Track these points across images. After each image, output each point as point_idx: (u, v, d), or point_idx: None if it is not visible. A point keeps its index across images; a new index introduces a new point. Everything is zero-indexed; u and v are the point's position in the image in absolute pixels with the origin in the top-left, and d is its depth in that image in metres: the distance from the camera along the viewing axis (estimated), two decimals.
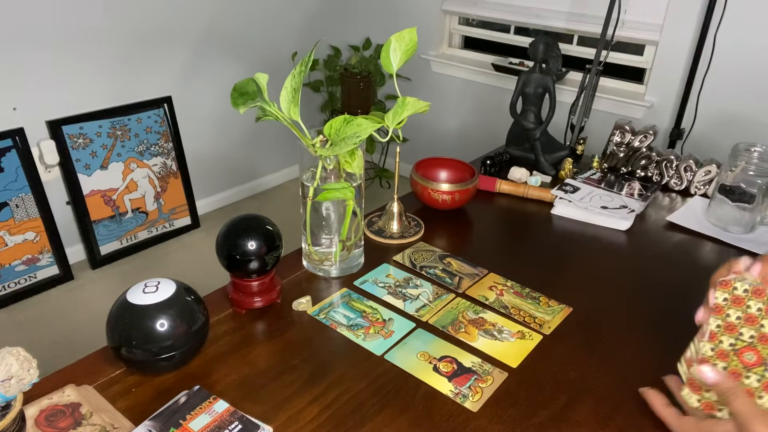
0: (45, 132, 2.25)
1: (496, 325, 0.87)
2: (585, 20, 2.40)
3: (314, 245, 0.96)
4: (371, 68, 2.93)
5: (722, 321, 0.62)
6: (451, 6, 2.81)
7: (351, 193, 0.86)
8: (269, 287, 0.88)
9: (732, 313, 0.62)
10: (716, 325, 0.62)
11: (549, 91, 1.36)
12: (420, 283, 0.97)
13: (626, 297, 0.96)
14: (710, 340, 0.62)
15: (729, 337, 0.62)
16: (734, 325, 0.61)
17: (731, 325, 0.62)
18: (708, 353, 0.62)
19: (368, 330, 0.85)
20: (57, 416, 0.67)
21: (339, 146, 0.81)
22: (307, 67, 0.81)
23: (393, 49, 0.86)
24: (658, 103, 2.31)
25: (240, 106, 0.84)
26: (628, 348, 0.84)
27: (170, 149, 2.63)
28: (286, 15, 2.97)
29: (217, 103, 2.79)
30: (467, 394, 0.74)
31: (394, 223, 1.11)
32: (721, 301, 0.62)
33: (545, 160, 1.40)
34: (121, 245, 2.54)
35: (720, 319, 0.62)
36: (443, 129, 3.06)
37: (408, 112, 0.85)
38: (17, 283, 2.26)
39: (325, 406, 0.72)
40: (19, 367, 0.57)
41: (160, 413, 0.67)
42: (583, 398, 0.75)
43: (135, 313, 0.71)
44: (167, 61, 2.57)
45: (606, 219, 1.18)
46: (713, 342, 0.62)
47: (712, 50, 2.07)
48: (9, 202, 2.17)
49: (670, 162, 1.34)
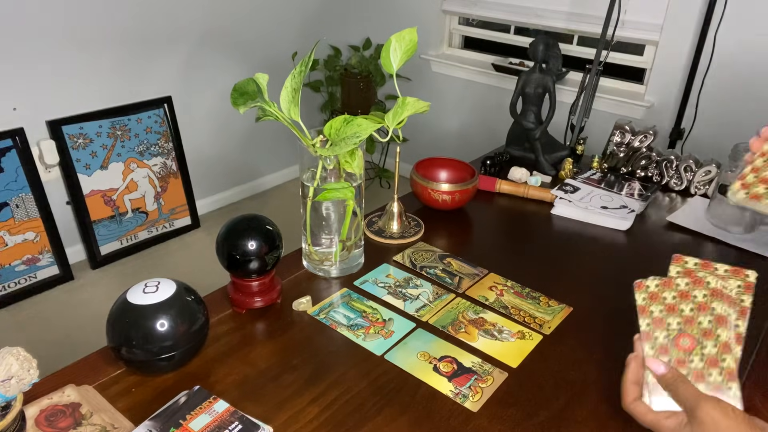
0: (45, 132, 2.24)
1: (496, 325, 0.87)
2: (585, 20, 2.40)
3: (314, 245, 0.96)
4: (371, 68, 2.93)
5: (650, 318, 0.66)
6: (451, 6, 2.81)
7: (351, 193, 0.87)
8: (269, 287, 0.88)
9: (654, 308, 0.66)
10: (646, 324, 0.66)
11: (549, 91, 1.36)
12: (420, 283, 0.97)
13: (626, 297, 0.95)
14: (647, 339, 0.66)
15: (661, 331, 0.66)
16: (661, 318, 0.66)
17: (658, 319, 0.66)
18: (650, 353, 0.65)
19: (368, 330, 0.85)
20: (57, 416, 0.67)
21: (339, 146, 0.81)
22: (307, 67, 0.81)
23: (393, 49, 0.86)
24: (658, 103, 2.31)
25: (240, 106, 0.84)
26: (628, 348, 0.83)
27: (170, 149, 2.63)
28: (286, 15, 2.97)
29: (217, 103, 2.79)
30: (467, 394, 0.74)
31: (394, 223, 1.11)
32: (641, 301, 0.67)
33: (545, 160, 1.40)
34: (121, 245, 2.54)
35: (648, 317, 0.66)
36: (443, 129, 3.06)
37: (408, 112, 0.86)
38: (17, 283, 2.26)
39: (325, 406, 0.72)
40: (19, 367, 0.57)
41: (160, 413, 0.67)
42: (583, 398, 0.75)
43: (135, 313, 0.71)
44: (167, 61, 2.57)
45: (606, 219, 1.18)
46: (650, 341, 0.66)
47: (712, 50, 2.07)
48: (9, 202, 2.17)
49: (670, 162, 1.34)
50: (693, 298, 0.65)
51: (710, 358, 0.63)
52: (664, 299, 0.66)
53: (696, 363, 0.63)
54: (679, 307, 0.66)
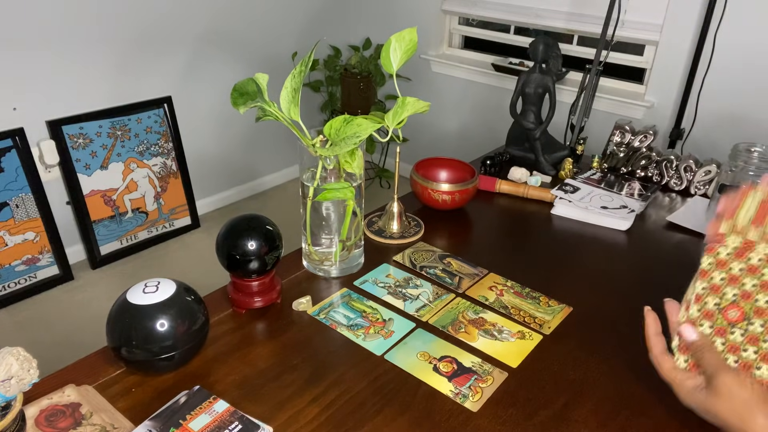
0: (45, 132, 2.24)
1: (496, 325, 0.87)
2: (585, 20, 2.40)
3: (314, 245, 0.96)
4: (371, 68, 2.93)
5: (707, 283, 0.66)
6: (451, 6, 2.81)
7: (351, 193, 0.87)
8: (269, 287, 0.88)
9: (716, 275, 0.66)
10: (702, 287, 0.66)
11: (549, 91, 1.36)
12: (420, 283, 0.97)
13: (626, 297, 0.96)
14: (696, 302, 0.66)
15: (714, 297, 0.65)
16: (718, 286, 0.65)
17: (716, 286, 0.66)
18: (694, 314, 0.66)
19: (368, 330, 0.85)
20: (57, 416, 0.67)
21: (339, 146, 0.81)
22: (307, 67, 0.81)
23: (393, 49, 0.86)
24: (658, 103, 2.31)
25: (240, 106, 0.84)
26: (628, 348, 0.83)
27: (170, 149, 2.63)
28: (286, 15, 2.97)
29: (217, 103, 2.79)
30: (467, 394, 0.74)
31: (394, 223, 1.11)
32: (706, 265, 0.66)
33: (545, 160, 1.40)
34: (121, 245, 2.54)
35: (706, 282, 0.66)
36: (443, 129, 3.06)
37: (408, 112, 0.86)
38: (17, 283, 2.26)
39: (325, 406, 0.72)
40: (19, 367, 0.57)
41: (160, 413, 0.67)
42: (583, 398, 0.75)
43: (135, 313, 0.71)
44: (167, 61, 2.57)
45: (606, 219, 1.18)
46: (699, 303, 0.66)
47: (712, 50, 2.07)
48: (9, 202, 2.17)
49: (670, 162, 1.34)
50: (761, 276, 0.64)
51: (752, 335, 0.63)
52: (731, 269, 0.65)
53: (736, 336, 0.63)
54: (743, 280, 0.64)
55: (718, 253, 0.66)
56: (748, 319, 0.63)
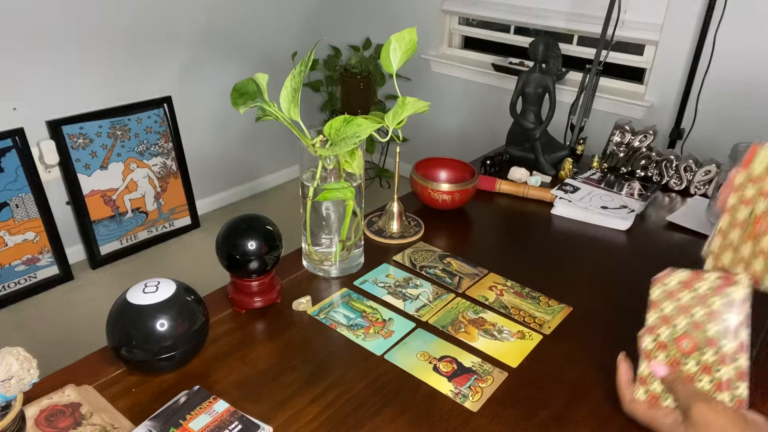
0: (45, 132, 2.24)
1: (496, 325, 0.87)
2: (585, 20, 2.40)
3: (314, 245, 0.96)
4: (371, 68, 2.93)
5: (659, 314, 0.67)
6: (451, 6, 2.80)
7: (351, 193, 0.86)
8: (269, 287, 0.88)
9: (667, 306, 0.66)
10: (653, 318, 0.67)
11: (549, 91, 1.36)
12: (420, 283, 0.97)
13: (626, 297, 0.95)
14: (650, 333, 0.67)
15: (666, 329, 0.66)
16: (670, 316, 0.66)
17: (667, 316, 0.66)
18: (649, 347, 0.67)
19: (368, 330, 0.85)
20: (57, 416, 0.67)
21: (339, 146, 0.81)
22: (307, 67, 0.81)
23: (393, 49, 0.86)
24: (658, 103, 2.31)
25: (240, 106, 0.84)
26: (628, 348, 0.83)
27: (170, 149, 2.63)
28: (286, 15, 2.97)
29: (217, 103, 2.79)
30: (467, 394, 0.74)
31: (394, 223, 1.11)
32: (656, 296, 0.67)
33: (545, 160, 1.40)
34: (121, 245, 2.54)
35: (657, 312, 0.67)
36: (443, 129, 3.05)
37: (408, 112, 0.86)
38: (17, 283, 2.26)
39: (325, 406, 0.72)
40: (19, 367, 0.57)
41: (160, 413, 0.67)
42: (583, 398, 0.75)
43: (135, 313, 0.71)
44: (167, 61, 2.57)
45: (606, 219, 1.18)
46: (653, 335, 0.67)
47: (712, 50, 2.07)
48: (9, 202, 2.17)
49: (670, 162, 1.34)
50: (710, 304, 0.64)
51: (705, 365, 0.63)
52: (680, 299, 0.66)
53: (690, 366, 0.64)
54: (693, 309, 0.64)
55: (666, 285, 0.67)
56: (701, 349, 0.64)
